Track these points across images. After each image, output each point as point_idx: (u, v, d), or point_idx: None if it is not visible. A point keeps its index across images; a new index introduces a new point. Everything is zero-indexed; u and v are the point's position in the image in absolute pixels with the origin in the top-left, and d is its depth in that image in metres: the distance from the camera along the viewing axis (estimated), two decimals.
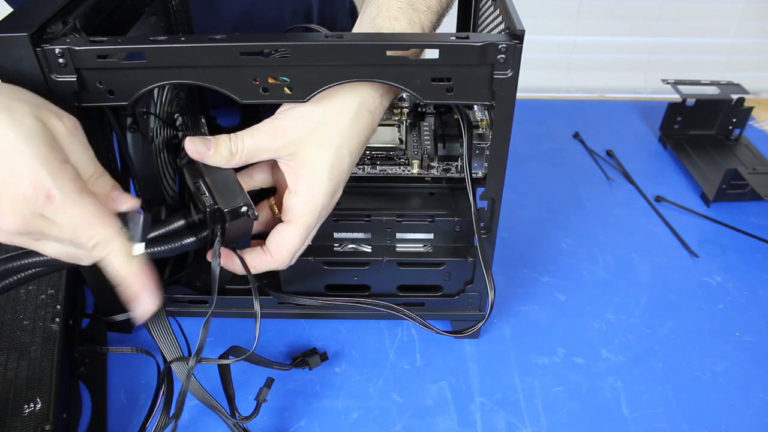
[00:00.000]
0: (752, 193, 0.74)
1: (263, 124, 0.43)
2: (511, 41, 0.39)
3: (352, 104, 0.43)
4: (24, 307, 0.52)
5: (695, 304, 0.62)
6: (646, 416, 0.51)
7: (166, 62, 0.40)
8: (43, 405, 0.45)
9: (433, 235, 0.54)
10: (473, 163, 0.53)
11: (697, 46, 1.31)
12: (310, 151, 0.42)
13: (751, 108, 0.83)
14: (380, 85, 0.44)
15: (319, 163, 0.42)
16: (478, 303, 0.56)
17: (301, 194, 0.43)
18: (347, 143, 0.43)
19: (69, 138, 0.36)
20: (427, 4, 0.48)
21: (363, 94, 0.43)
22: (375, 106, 0.44)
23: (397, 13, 0.47)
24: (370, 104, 0.44)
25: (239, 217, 0.42)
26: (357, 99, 0.43)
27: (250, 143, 0.42)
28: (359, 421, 0.51)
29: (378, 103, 0.44)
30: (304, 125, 0.42)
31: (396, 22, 0.46)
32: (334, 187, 0.44)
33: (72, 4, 0.43)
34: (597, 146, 0.85)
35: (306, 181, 0.43)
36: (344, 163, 0.43)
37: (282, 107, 0.44)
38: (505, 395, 0.53)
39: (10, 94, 0.36)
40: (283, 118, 0.43)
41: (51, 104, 0.37)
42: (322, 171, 0.43)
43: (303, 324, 0.59)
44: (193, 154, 0.42)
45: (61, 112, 0.37)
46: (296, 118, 0.42)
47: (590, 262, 0.67)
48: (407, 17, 0.47)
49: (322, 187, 0.43)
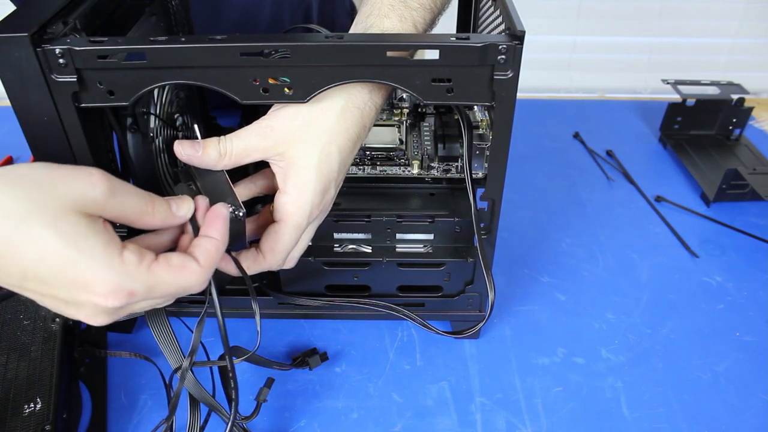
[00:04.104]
0: (752, 193, 0.74)
1: (252, 125, 0.43)
2: (512, 42, 0.39)
3: (339, 101, 0.43)
4: (24, 307, 0.52)
5: (695, 304, 0.62)
6: (646, 416, 0.51)
7: (166, 62, 0.40)
8: (43, 405, 0.45)
9: (433, 236, 0.54)
10: (473, 164, 0.53)
11: (697, 46, 1.32)
12: (297, 150, 0.42)
13: (751, 108, 0.83)
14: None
15: (306, 161, 0.42)
16: (478, 303, 0.56)
17: (290, 193, 0.43)
18: (335, 140, 0.43)
19: (108, 199, 0.33)
20: (419, 1, 0.48)
21: (350, 90, 0.43)
22: (363, 102, 0.44)
23: (388, 10, 0.47)
24: (358, 100, 0.43)
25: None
26: (343, 96, 0.43)
27: (238, 144, 0.42)
28: (359, 421, 0.51)
29: (367, 99, 0.44)
30: (291, 124, 0.42)
31: (386, 19, 0.46)
32: (324, 185, 0.43)
33: (72, 4, 0.43)
34: (597, 146, 0.85)
35: (294, 179, 0.43)
36: (332, 161, 0.43)
37: (273, 107, 0.44)
38: (505, 395, 0.53)
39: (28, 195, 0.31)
40: (271, 118, 0.43)
41: (66, 173, 0.33)
42: (309, 169, 0.42)
43: (303, 324, 0.59)
44: (182, 156, 0.42)
45: (85, 171, 0.33)
46: (283, 118, 0.42)
47: (590, 262, 0.67)
48: (398, 14, 0.47)
49: (310, 185, 0.43)
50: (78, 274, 0.32)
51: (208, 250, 0.38)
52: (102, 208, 0.34)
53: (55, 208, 0.31)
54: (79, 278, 0.32)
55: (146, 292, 0.34)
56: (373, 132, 0.54)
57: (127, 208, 0.35)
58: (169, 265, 0.35)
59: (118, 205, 0.34)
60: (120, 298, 0.33)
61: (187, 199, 0.39)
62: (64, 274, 0.32)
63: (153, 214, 0.37)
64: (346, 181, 0.47)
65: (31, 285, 0.33)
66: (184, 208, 0.39)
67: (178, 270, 0.36)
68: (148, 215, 0.36)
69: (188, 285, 0.36)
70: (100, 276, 0.32)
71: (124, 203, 0.35)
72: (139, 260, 0.34)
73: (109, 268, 0.32)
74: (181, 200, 0.39)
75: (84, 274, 0.32)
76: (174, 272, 0.35)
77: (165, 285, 0.35)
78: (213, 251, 0.38)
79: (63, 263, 0.31)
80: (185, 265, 0.36)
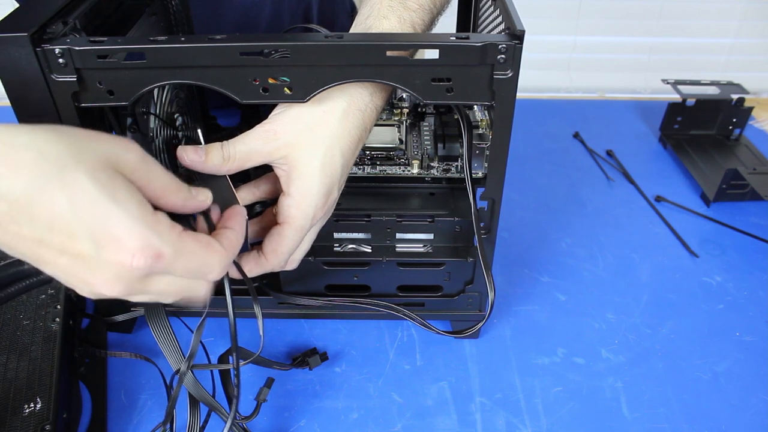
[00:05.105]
0: (752, 193, 0.74)
1: (255, 129, 0.43)
2: (511, 41, 0.39)
3: (341, 103, 0.43)
4: (24, 307, 0.52)
5: (695, 304, 0.62)
6: (646, 416, 0.51)
7: (166, 62, 0.40)
8: (43, 405, 0.45)
9: (433, 236, 0.54)
10: (473, 163, 0.53)
11: (697, 46, 1.31)
12: (301, 153, 0.42)
13: (751, 108, 0.83)
14: (369, 84, 0.44)
15: (310, 165, 0.42)
16: (478, 303, 0.56)
17: (294, 196, 0.43)
18: (338, 143, 0.43)
19: (140, 165, 0.33)
20: (419, 2, 0.48)
21: (352, 92, 0.43)
22: (365, 104, 0.44)
23: (387, 11, 0.47)
24: (360, 103, 0.44)
25: None
26: (345, 98, 0.43)
27: (242, 148, 0.42)
28: (359, 421, 0.51)
29: (368, 101, 0.44)
30: (294, 127, 0.42)
31: (385, 20, 0.46)
32: (328, 188, 0.44)
33: (72, 4, 0.43)
34: (597, 146, 0.85)
35: (297, 182, 0.43)
36: (336, 164, 0.43)
37: (275, 110, 0.44)
38: (505, 395, 0.53)
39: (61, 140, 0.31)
40: (274, 121, 0.43)
41: (106, 135, 0.33)
42: (313, 172, 0.43)
43: (303, 324, 0.59)
44: (185, 162, 0.42)
45: (122, 141, 0.34)
46: (286, 122, 0.43)
47: (590, 262, 0.67)
48: (397, 15, 0.47)
49: (314, 189, 0.43)
50: (111, 227, 0.31)
51: (229, 239, 0.38)
52: (133, 172, 0.33)
53: (94, 160, 0.31)
54: (112, 231, 0.31)
55: (173, 257, 0.33)
56: (373, 132, 0.54)
57: (155, 179, 0.34)
58: (197, 239, 0.35)
59: (147, 173, 0.34)
60: (148, 256, 0.31)
61: (205, 189, 0.39)
62: (95, 224, 0.30)
63: (177, 192, 0.36)
64: (346, 180, 0.47)
65: (55, 239, 0.30)
66: (202, 194, 0.39)
67: (206, 245, 0.36)
68: (172, 192, 0.36)
69: (212, 264, 0.36)
70: (134, 230, 0.31)
71: (152, 173, 0.34)
72: (172, 225, 0.34)
73: (143, 223, 0.31)
74: (199, 188, 0.39)
75: (117, 227, 0.31)
76: (202, 246, 0.35)
77: (191, 256, 0.34)
78: (234, 241, 0.38)
79: (97, 213, 0.30)
80: (211, 244, 0.36)
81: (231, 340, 0.43)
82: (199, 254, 0.35)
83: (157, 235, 0.32)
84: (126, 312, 0.54)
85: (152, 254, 0.32)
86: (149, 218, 0.32)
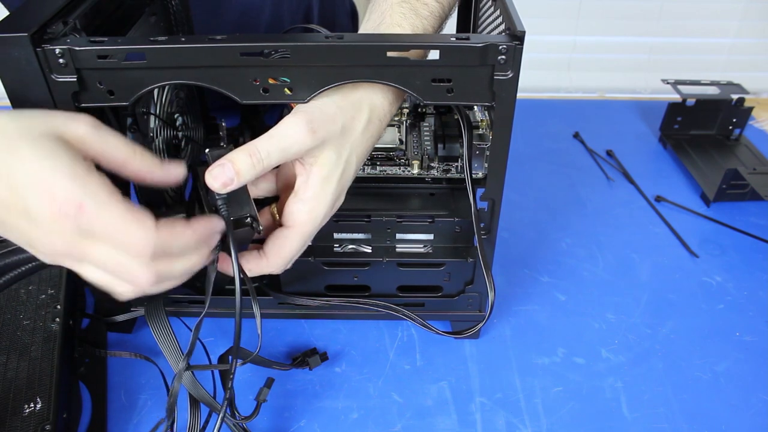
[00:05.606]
0: (752, 193, 0.74)
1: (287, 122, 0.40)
2: (512, 42, 0.39)
3: (365, 111, 0.43)
4: (24, 307, 0.52)
5: (695, 304, 0.62)
6: (646, 416, 0.51)
7: (166, 62, 0.40)
8: (43, 405, 0.45)
9: (433, 236, 0.54)
10: (473, 164, 0.53)
11: (697, 46, 1.31)
12: (330, 155, 0.42)
13: (751, 108, 0.83)
14: (390, 93, 0.44)
15: (330, 170, 0.42)
16: (478, 303, 0.56)
17: (308, 202, 0.42)
18: (356, 151, 0.43)
19: (91, 136, 0.36)
20: (429, 9, 0.49)
21: (374, 101, 0.43)
22: (384, 114, 0.44)
23: (400, 19, 0.47)
24: (380, 112, 0.44)
25: (243, 227, 0.42)
26: (369, 106, 0.43)
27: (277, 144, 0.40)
28: (359, 421, 0.51)
29: (387, 111, 0.44)
30: (333, 127, 0.41)
31: (399, 28, 0.47)
32: (339, 194, 0.44)
33: (72, 4, 0.43)
34: (597, 146, 0.85)
35: (315, 189, 0.42)
36: (351, 171, 0.44)
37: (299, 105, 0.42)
38: (505, 395, 0.53)
39: (17, 120, 0.35)
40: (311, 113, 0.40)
41: (59, 112, 0.37)
42: (331, 179, 0.42)
43: (303, 324, 0.59)
44: (215, 187, 0.40)
45: (73, 115, 0.37)
46: (326, 120, 0.41)
47: (590, 262, 0.67)
48: (410, 23, 0.47)
49: (328, 197, 0.43)
50: (44, 183, 0.34)
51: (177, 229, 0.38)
52: (83, 142, 0.36)
53: (38, 132, 0.35)
54: (45, 187, 0.34)
55: (95, 212, 0.34)
56: None
57: (111, 148, 0.37)
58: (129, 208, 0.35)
59: (100, 143, 0.37)
60: (72, 206, 0.34)
61: (179, 163, 0.40)
62: (33, 184, 0.34)
63: (139, 160, 0.38)
64: None
65: (18, 203, 0.34)
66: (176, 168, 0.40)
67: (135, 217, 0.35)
68: (131, 159, 0.38)
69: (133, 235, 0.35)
70: (61, 184, 0.34)
71: (106, 142, 0.37)
72: (104, 183, 0.35)
73: (70, 177, 0.34)
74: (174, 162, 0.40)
75: (48, 182, 0.34)
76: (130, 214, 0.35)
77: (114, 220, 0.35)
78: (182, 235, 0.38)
79: (34, 174, 0.34)
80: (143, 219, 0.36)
81: (234, 339, 0.43)
82: (122, 219, 0.35)
83: (81, 188, 0.34)
84: (126, 312, 0.54)
85: (75, 204, 0.34)
86: (80, 173, 0.34)
